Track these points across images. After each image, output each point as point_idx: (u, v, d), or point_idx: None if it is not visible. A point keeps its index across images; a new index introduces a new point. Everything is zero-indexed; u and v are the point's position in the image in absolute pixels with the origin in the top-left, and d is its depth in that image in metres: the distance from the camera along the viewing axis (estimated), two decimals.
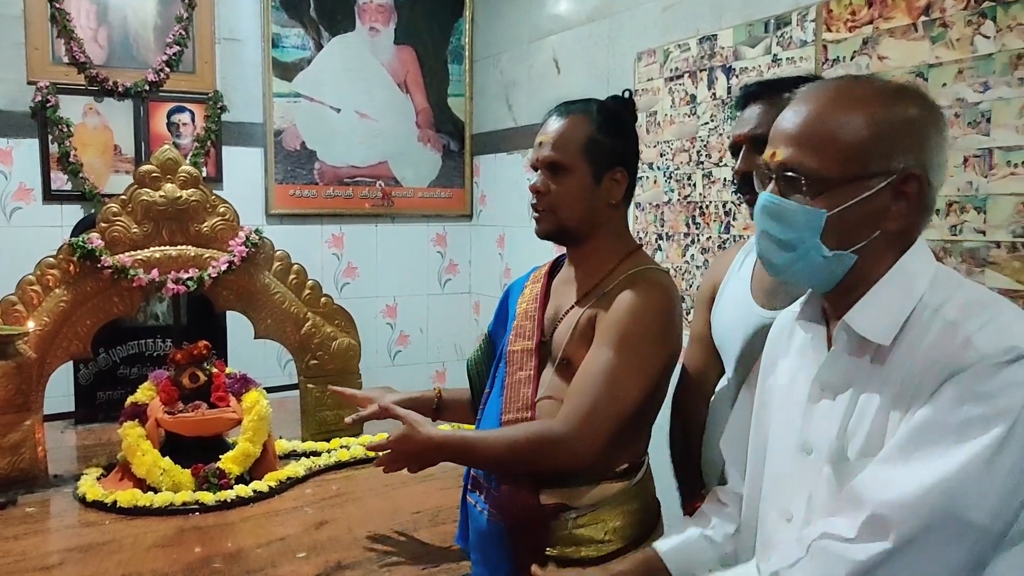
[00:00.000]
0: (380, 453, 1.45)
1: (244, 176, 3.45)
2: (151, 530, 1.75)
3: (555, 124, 1.43)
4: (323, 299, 2.28)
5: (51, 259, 1.99)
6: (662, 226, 2.75)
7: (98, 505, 1.85)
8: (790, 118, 0.95)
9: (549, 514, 1.37)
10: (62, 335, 2.00)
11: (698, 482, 1.54)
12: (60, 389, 2.58)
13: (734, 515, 1.18)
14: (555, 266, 1.58)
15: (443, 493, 1.90)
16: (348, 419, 1.65)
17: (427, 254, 3.89)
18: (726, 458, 1.26)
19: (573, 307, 1.44)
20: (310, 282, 2.26)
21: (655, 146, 2.76)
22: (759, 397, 1.14)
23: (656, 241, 2.77)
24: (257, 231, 2.17)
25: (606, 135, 1.41)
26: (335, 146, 3.62)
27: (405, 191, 3.79)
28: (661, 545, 1.19)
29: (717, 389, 1.57)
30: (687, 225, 2.64)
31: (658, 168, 2.76)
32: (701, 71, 2.55)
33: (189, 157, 3.27)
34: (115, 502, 1.84)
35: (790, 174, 0.94)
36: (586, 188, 1.41)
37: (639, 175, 2.74)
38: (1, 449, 1.94)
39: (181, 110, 3.31)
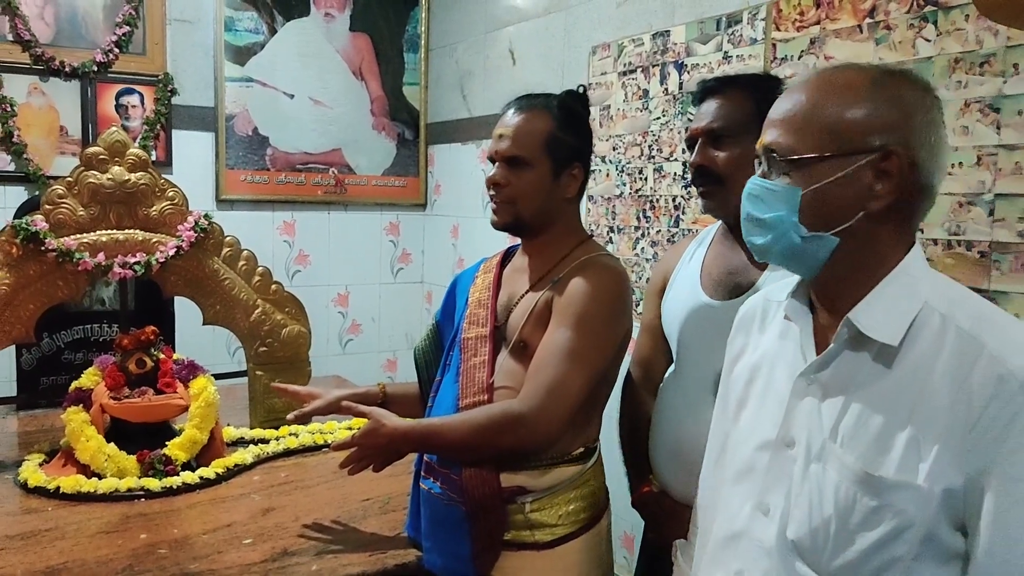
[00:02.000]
0: (341, 453, 1.46)
1: (194, 161, 3.40)
2: (95, 516, 1.73)
3: (516, 118, 1.45)
4: (273, 286, 2.27)
5: None
6: (613, 219, 2.79)
7: (40, 491, 1.83)
8: (778, 105, 0.98)
9: (507, 497, 1.39)
10: (4, 319, 1.96)
11: (645, 468, 1.58)
12: (2, 374, 2.54)
13: None
14: (506, 256, 1.60)
15: (392, 480, 1.90)
16: (290, 415, 1.64)
17: (380, 243, 3.88)
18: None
19: (527, 293, 1.47)
20: (260, 269, 2.25)
21: (608, 140, 2.80)
22: (724, 383, 1.14)
23: (608, 234, 2.82)
24: (207, 216, 2.15)
25: (566, 132, 1.44)
26: (288, 132, 3.59)
27: (359, 179, 3.78)
28: None
29: (665, 377, 1.61)
30: (638, 219, 2.68)
31: (610, 162, 2.80)
32: (654, 66, 2.59)
33: (138, 140, 3.22)
34: (58, 488, 1.81)
35: (773, 155, 0.96)
36: (545, 183, 1.44)
37: (592, 168, 2.82)
38: None
39: (130, 92, 3.25)
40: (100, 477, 1.85)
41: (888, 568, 0.87)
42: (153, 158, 3.26)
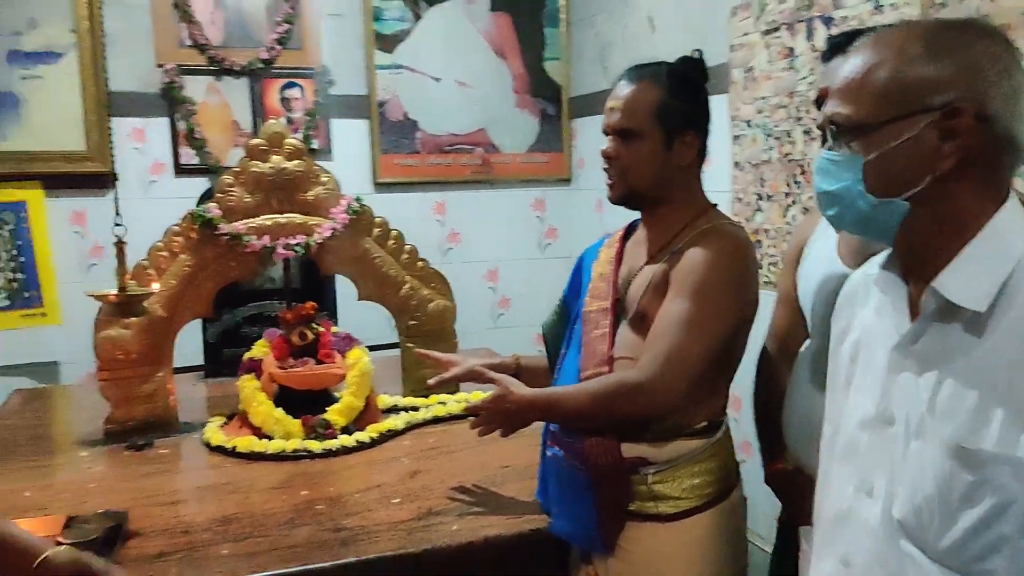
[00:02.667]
0: (473, 416, 1.54)
1: (352, 147, 3.62)
2: (265, 473, 1.92)
3: (625, 89, 1.46)
4: (419, 263, 2.40)
5: (176, 227, 2.19)
6: (762, 186, 2.71)
7: (220, 450, 2.05)
8: (837, 73, 0.95)
9: (629, 467, 1.42)
10: (187, 296, 2.20)
11: (779, 444, 1.55)
12: (192, 346, 2.84)
13: None
14: (629, 231, 1.62)
15: (532, 450, 1.96)
16: (431, 381, 1.73)
17: (527, 219, 3.96)
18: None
19: (646, 265, 1.48)
20: (408, 247, 2.39)
21: (752, 103, 2.71)
22: (832, 362, 1.10)
23: (756, 202, 2.74)
24: (358, 199, 2.30)
25: (676, 98, 1.43)
26: (435, 115, 3.73)
27: (504, 157, 3.87)
28: None
29: (800, 351, 1.57)
30: (787, 185, 2.59)
31: (756, 126, 2.71)
32: (799, 23, 2.48)
33: (301, 130, 3.47)
34: (234, 447, 2.03)
35: (833, 127, 0.94)
36: (657, 152, 1.44)
37: (738, 134, 2.75)
38: (139, 397, 2.17)
39: (292, 85, 3.50)
40: (269, 438, 2.05)
41: (997, 548, 0.83)
42: (315, 147, 3.51)
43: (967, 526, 0.84)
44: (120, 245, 1.96)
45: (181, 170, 3.40)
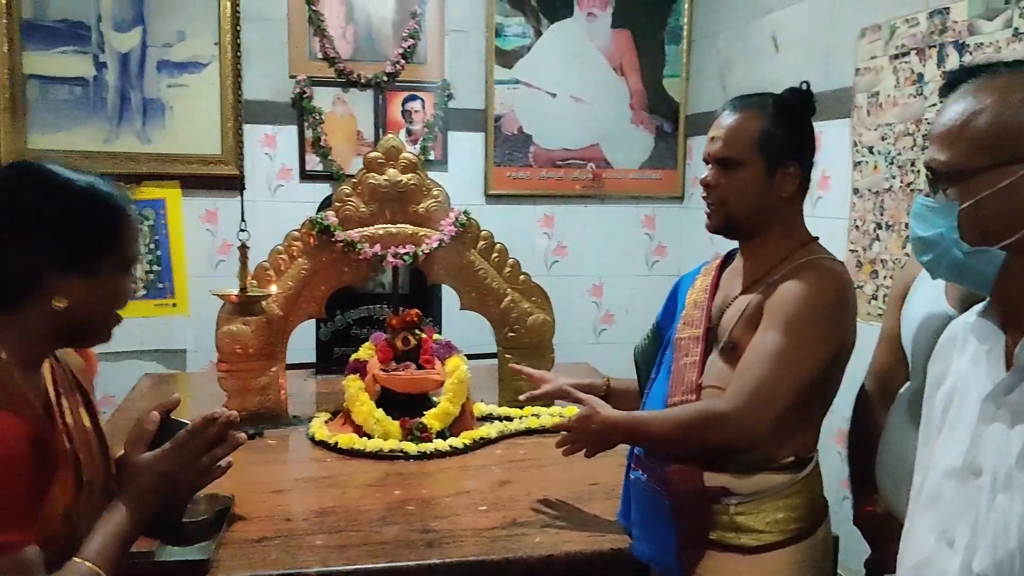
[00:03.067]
0: (561, 433, 1.58)
1: (466, 159, 3.71)
2: (362, 470, 2.02)
3: (728, 118, 1.46)
4: (522, 276, 2.45)
5: (295, 232, 2.33)
6: (881, 214, 2.61)
7: (323, 444, 2.17)
8: (938, 119, 0.94)
9: (711, 497, 1.41)
10: (303, 297, 2.33)
11: (871, 485, 1.51)
12: (305, 344, 2.99)
13: None
14: (726, 260, 1.61)
15: (620, 470, 1.95)
16: (521, 397, 1.77)
17: (635, 235, 3.95)
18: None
19: (741, 295, 1.47)
20: (511, 260, 2.44)
21: (876, 129, 2.63)
22: (926, 411, 1.09)
23: (874, 231, 2.64)
24: (466, 212, 2.38)
25: (780, 129, 1.42)
26: (549, 130, 3.78)
27: (615, 173, 3.88)
28: None
29: (900, 391, 1.52)
30: (908, 215, 2.49)
31: (879, 152, 2.62)
32: (930, 48, 2.38)
33: (420, 142, 3.60)
34: (336, 443, 2.14)
35: (930, 173, 0.93)
36: (758, 182, 1.43)
37: (859, 160, 2.67)
38: (253, 389, 2.32)
39: (414, 98, 3.63)
40: (369, 437, 2.14)
41: None
42: (431, 158, 3.63)
43: None
44: (243, 249, 2.10)
45: (306, 176, 3.58)
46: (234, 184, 3.51)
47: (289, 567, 1.52)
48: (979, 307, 1.01)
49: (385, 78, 3.56)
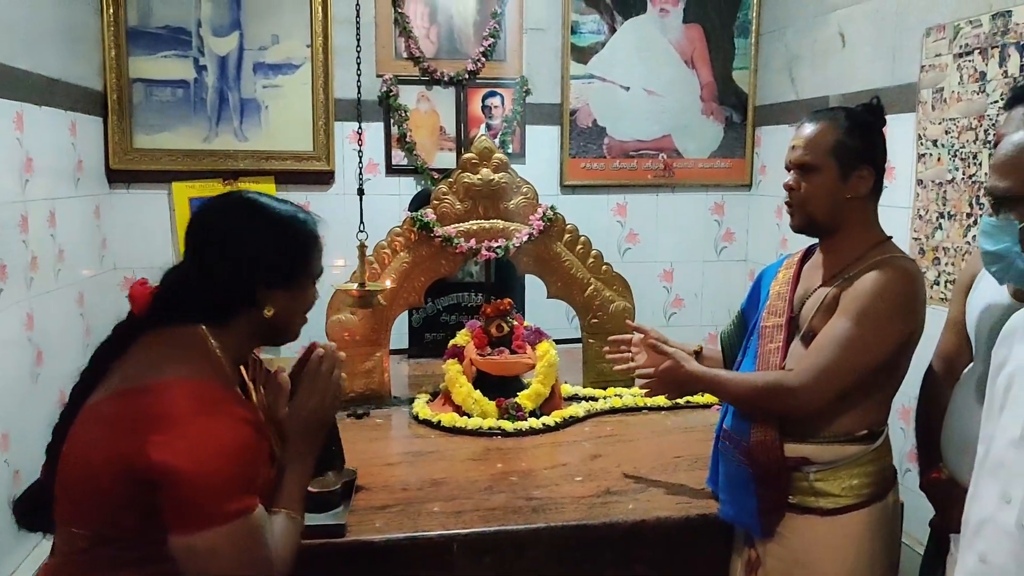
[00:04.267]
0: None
1: (543, 152, 3.88)
2: (464, 446, 2.23)
3: (807, 129, 1.61)
4: (604, 267, 2.62)
5: (397, 228, 2.54)
6: (944, 204, 2.71)
7: (426, 423, 2.38)
8: (998, 150, 1.10)
9: (791, 466, 1.59)
10: (404, 288, 2.55)
11: (936, 455, 1.66)
12: (397, 330, 3.21)
13: None
14: (807, 254, 1.76)
15: (702, 444, 2.15)
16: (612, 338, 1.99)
17: (705, 222, 4.07)
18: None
19: (820, 287, 1.63)
20: (594, 251, 2.62)
21: (940, 123, 2.72)
22: (989, 390, 1.23)
23: (936, 219, 2.74)
24: (552, 208, 2.56)
25: (852, 137, 1.57)
26: (623, 122, 3.92)
27: (686, 162, 4.00)
28: None
29: (964, 372, 1.66)
30: (970, 205, 2.59)
31: (942, 146, 2.71)
32: (993, 47, 2.47)
33: (499, 136, 3.78)
34: (439, 421, 2.35)
35: (991, 198, 1.09)
36: (834, 185, 1.58)
37: (923, 152, 2.77)
38: (360, 373, 2.55)
39: (493, 95, 3.81)
40: (468, 416, 2.35)
41: None
42: (510, 151, 3.81)
43: None
44: (362, 248, 2.31)
45: (392, 170, 3.80)
46: (325, 179, 3.75)
47: (412, 530, 1.73)
48: None
49: (466, 75, 3.75)
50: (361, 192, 2.45)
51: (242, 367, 1.37)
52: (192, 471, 1.10)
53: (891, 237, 1.65)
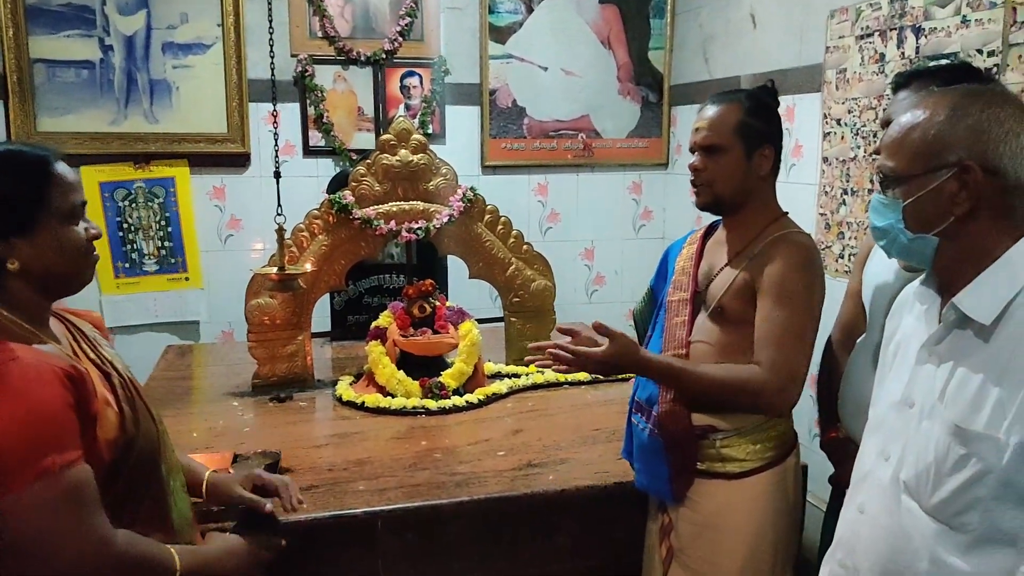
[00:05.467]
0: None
1: (463, 132, 3.89)
2: (389, 426, 2.25)
3: (711, 111, 1.67)
4: (524, 247, 2.66)
5: (315, 211, 2.52)
6: (847, 181, 2.84)
7: (350, 404, 2.39)
8: (887, 131, 1.18)
9: (698, 434, 1.66)
10: (324, 271, 2.54)
11: (835, 416, 1.77)
12: (320, 313, 3.19)
13: None
14: (709, 230, 1.83)
15: (620, 416, 2.19)
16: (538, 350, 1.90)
17: (624, 201, 4.16)
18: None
19: (727, 266, 1.69)
20: (514, 232, 2.65)
21: (843, 103, 2.84)
22: (881, 358, 1.33)
23: (841, 195, 2.87)
24: (472, 189, 2.58)
25: (755, 118, 1.64)
26: (542, 102, 3.96)
27: (604, 142, 4.07)
28: None
29: (858, 342, 1.77)
30: (871, 182, 2.72)
31: (845, 124, 2.84)
32: (891, 30, 2.60)
33: (418, 116, 3.77)
34: (363, 402, 2.36)
35: (880, 176, 1.16)
36: (739, 164, 1.65)
37: (828, 131, 2.89)
38: (282, 357, 2.53)
39: (411, 74, 3.79)
40: (392, 396, 2.37)
41: (973, 506, 1.06)
42: (430, 131, 3.80)
43: (953, 488, 1.08)
44: (280, 232, 2.28)
45: (309, 151, 3.75)
46: (240, 161, 3.67)
47: (338, 509, 1.75)
48: (922, 277, 1.25)
49: (384, 55, 3.72)
50: (278, 175, 2.42)
51: (64, 326, 1.31)
52: None
53: (787, 213, 1.73)
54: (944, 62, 1.97)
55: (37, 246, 1.20)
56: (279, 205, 2.33)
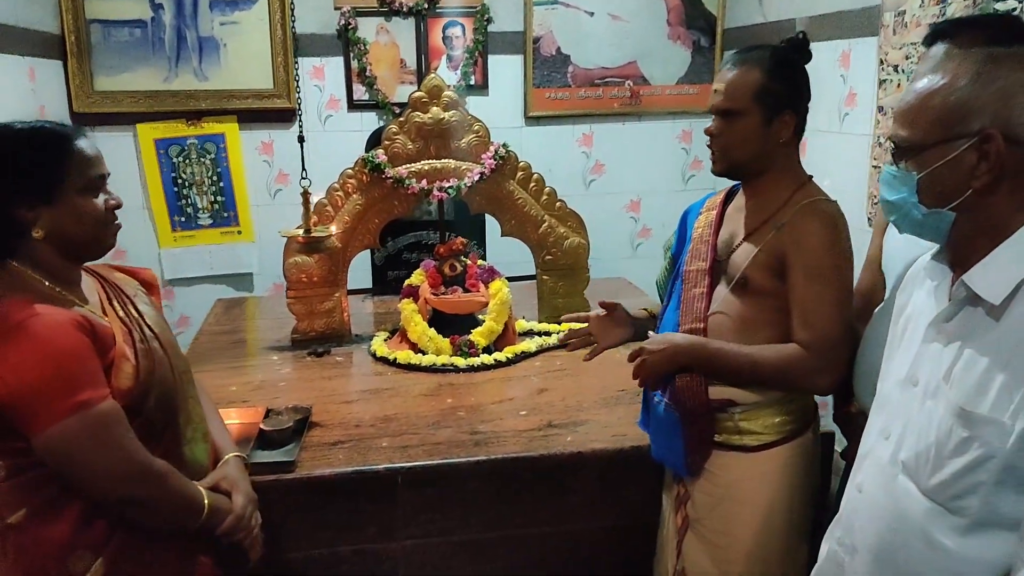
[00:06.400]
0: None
1: (506, 82, 3.84)
2: (419, 382, 2.30)
3: (729, 72, 1.60)
4: (558, 203, 2.64)
5: (349, 170, 2.55)
6: None
7: (384, 360, 2.45)
8: (901, 97, 1.10)
9: (716, 408, 1.62)
10: (358, 230, 2.57)
11: (850, 389, 1.72)
12: (361, 268, 3.26)
13: None
14: (729, 195, 1.78)
15: None
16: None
17: (673, 151, 4.06)
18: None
19: (751, 236, 1.62)
20: (547, 189, 2.63)
21: (901, 48, 2.70)
22: (891, 332, 1.28)
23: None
24: (504, 145, 2.56)
25: (775, 81, 1.56)
26: (587, 49, 3.87)
27: (653, 89, 3.97)
28: None
29: (875, 311, 1.70)
30: None
31: (903, 71, 2.70)
32: None
33: (460, 67, 3.74)
34: (395, 359, 2.42)
35: (893, 146, 1.10)
36: (757, 130, 1.57)
37: (884, 78, 2.75)
38: (320, 313, 2.60)
39: (454, 24, 3.75)
40: (424, 353, 2.41)
41: (973, 490, 1.03)
42: (472, 82, 3.78)
43: (954, 471, 1.05)
44: (306, 195, 2.32)
45: (353, 105, 3.77)
46: (287, 116, 3.72)
47: (360, 464, 1.82)
48: (934, 250, 1.19)
49: (426, 5, 3.68)
50: (301, 140, 2.45)
51: (100, 285, 1.42)
52: (17, 382, 1.19)
53: (811, 177, 1.66)
54: (998, 12, 1.82)
55: (59, 215, 1.31)
56: (303, 168, 2.37)
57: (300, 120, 2.67)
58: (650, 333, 1.69)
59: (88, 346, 1.26)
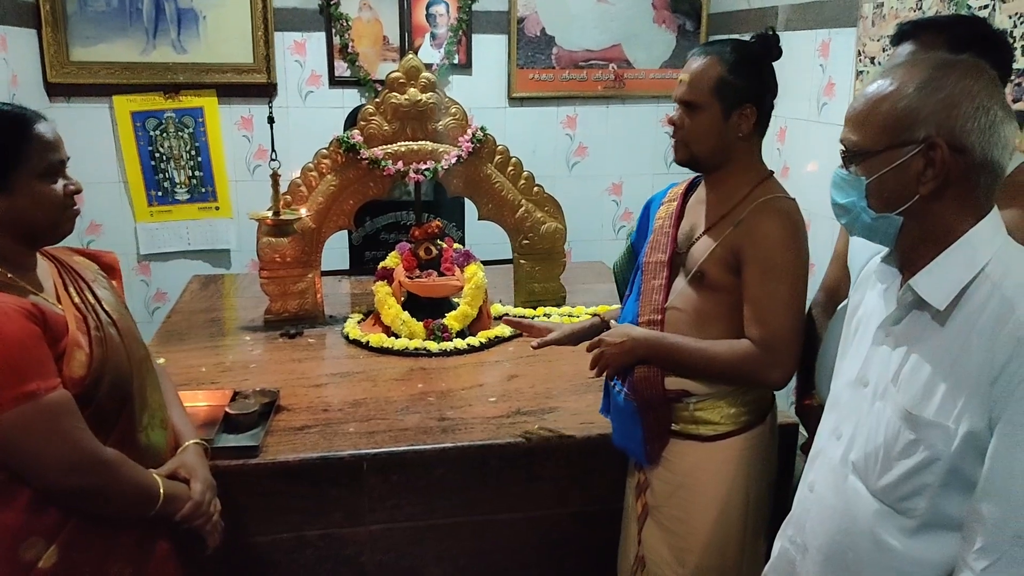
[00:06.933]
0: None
1: (490, 62, 3.81)
2: (390, 366, 2.29)
3: (694, 64, 1.59)
4: (535, 188, 2.63)
5: (324, 150, 2.52)
6: None
7: (356, 343, 2.44)
8: (851, 103, 1.11)
9: (673, 398, 1.64)
10: (332, 211, 2.55)
11: (811, 383, 1.73)
12: (338, 248, 3.23)
13: None
14: (690, 187, 1.77)
15: None
16: (533, 344, 1.87)
17: (655, 134, 4.04)
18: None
19: (709, 230, 1.62)
20: (525, 173, 2.61)
21: (878, 40, 2.69)
22: (844, 332, 1.29)
23: None
24: (482, 128, 2.54)
25: (737, 75, 1.54)
26: (572, 31, 3.84)
27: (637, 73, 3.95)
28: None
29: (839, 307, 1.70)
30: None
31: (879, 63, 2.69)
32: None
33: (444, 46, 3.70)
34: (368, 342, 2.41)
35: (843, 149, 1.10)
36: (715, 124, 1.57)
37: (862, 69, 2.74)
38: (292, 294, 2.58)
39: (438, 2, 3.70)
40: (397, 336, 2.40)
41: (920, 492, 1.05)
42: (456, 61, 3.74)
43: (901, 472, 1.06)
44: (275, 177, 2.29)
45: (335, 81, 3.73)
46: (267, 91, 3.67)
47: (325, 450, 1.81)
48: (883, 253, 1.19)
49: None
50: (271, 120, 2.41)
51: (57, 270, 1.40)
52: None
53: (772, 173, 1.66)
54: (971, 8, 1.82)
55: (15, 200, 1.29)
56: (273, 150, 2.34)
57: (271, 99, 2.62)
58: (612, 323, 1.69)
59: (37, 335, 1.24)
